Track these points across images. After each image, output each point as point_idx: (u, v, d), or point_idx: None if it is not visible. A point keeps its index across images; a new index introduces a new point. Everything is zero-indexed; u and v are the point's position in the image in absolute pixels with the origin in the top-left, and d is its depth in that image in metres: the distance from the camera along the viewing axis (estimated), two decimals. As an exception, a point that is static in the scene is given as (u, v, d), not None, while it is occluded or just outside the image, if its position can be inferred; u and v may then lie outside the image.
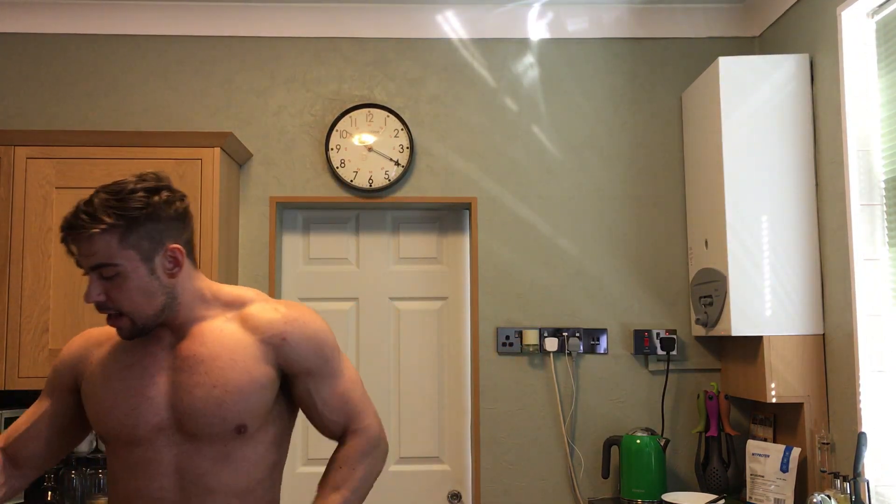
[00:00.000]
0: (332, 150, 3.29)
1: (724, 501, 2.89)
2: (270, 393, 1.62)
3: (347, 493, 1.64)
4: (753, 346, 2.94)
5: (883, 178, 2.63)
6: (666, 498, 2.94)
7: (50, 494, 2.99)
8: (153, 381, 1.60)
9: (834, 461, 2.73)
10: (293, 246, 3.42)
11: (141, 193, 1.54)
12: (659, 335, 3.26)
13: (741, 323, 2.87)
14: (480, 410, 3.25)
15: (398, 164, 3.29)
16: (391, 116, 3.32)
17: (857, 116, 2.68)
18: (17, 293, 2.85)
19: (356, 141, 3.30)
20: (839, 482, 2.53)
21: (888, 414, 2.57)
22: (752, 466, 2.91)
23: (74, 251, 1.55)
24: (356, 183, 3.28)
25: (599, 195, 3.36)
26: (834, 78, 2.78)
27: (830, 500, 2.49)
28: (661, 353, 3.25)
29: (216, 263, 2.88)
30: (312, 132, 3.34)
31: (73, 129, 3.26)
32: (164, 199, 1.57)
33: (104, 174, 2.89)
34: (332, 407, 1.69)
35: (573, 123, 3.38)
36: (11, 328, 2.84)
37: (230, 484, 1.59)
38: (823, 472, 2.69)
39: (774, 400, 2.84)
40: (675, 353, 3.24)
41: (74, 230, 1.52)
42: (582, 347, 3.26)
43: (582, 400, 3.28)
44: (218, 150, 2.93)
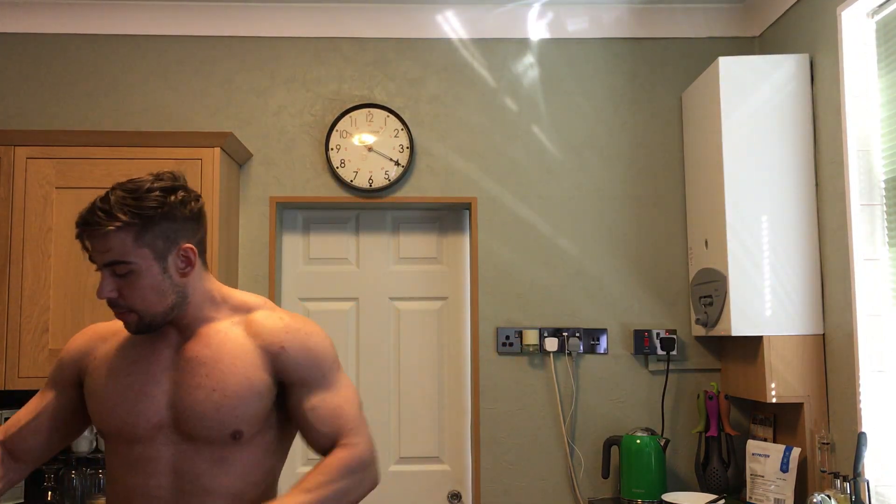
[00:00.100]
0: (332, 150, 3.29)
1: (724, 501, 2.89)
2: (267, 401, 1.62)
3: (314, 499, 1.52)
4: (753, 346, 2.94)
5: (883, 178, 2.63)
6: (666, 498, 2.94)
7: (50, 494, 2.99)
8: (156, 379, 1.61)
9: (834, 461, 2.73)
10: (293, 246, 3.42)
11: (157, 193, 1.55)
12: (659, 335, 3.26)
13: (741, 323, 2.87)
14: (480, 410, 3.25)
15: (398, 164, 3.29)
16: (391, 116, 3.32)
17: (857, 116, 2.68)
18: (17, 293, 2.85)
19: (356, 141, 3.30)
20: (839, 482, 2.53)
21: (888, 414, 2.57)
22: (752, 466, 2.91)
23: (89, 247, 1.56)
24: (356, 183, 3.28)
25: (599, 195, 3.36)
26: (834, 78, 2.78)
27: (830, 500, 2.49)
28: (661, 353, 3.25)
29: (216, 263, 2.88)
30: (312, 132, 3.34)
31: (73, 129, 3.26)
32: (179, 198, 1.58)
33: (104, 174, 2.90)
34: (322, 419, 1.62)
35: (573, 123, 3.38)
36: (11, 328, 2.84)
37: (226, 486, 1.59)
38: (823, 472, 2.69)
39: (774, 400, 2.84)
40: (675, 353, 3.24)
41: (90, 226, 1.53)
42: (582, 347, 3.26)
43: (582, 400, 3.28)
44: (218, 150, 2.93)
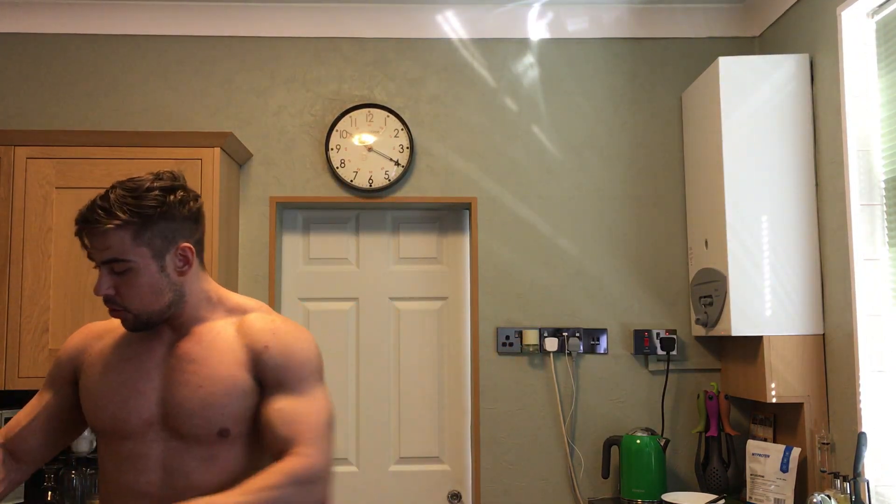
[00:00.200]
0: (332, 150, 3.29)
1: (724, 501, 2.89)
2: (252, 400, 1.61)
3: (250, 501, 1.44)
4: (753, 346, 2.94)
5: (883, 178, 2.63)
6: (666, 498, 2.94)
7: (50, 494, 2.99)
8: (148, 376, 1.61)
9: (834, 461, 2.73)
10: (293, 246, 3.42)
11: (157, 192, 1.57)
12: (659, 335, 3.26)
13: (741, 323, 2.87)
14: (480, 410, 3.25)
15: (398, 164, 3.29)
16: (391, 116, 3.32)
17: (857, 116, 2.68)
18: (17, 293, 2.85)
19: (356, 141, 3.30)
20: (839, 482, 2.53)
21: (888, 414, 2.57)
22: (752, 466, 2.91)
23: (88, 244, 1.57)
24: (356, 183, 3.28)
25: (599, 195, 3.36)
26: (834, 78, 2.78)
27: (830, 500, 2.49)
28: (661, 353, 3.25)
29: (216, 263, 2.88)
30: (312, 132, 3.34)
31: (73, 129, 3.26)
32: (178, 198, 1.60)
33: (104, 174, 2.90)
34: (283, 421, 1.55)
35: (573, 123, 3.38)
36: (11, 328, 2.84)
37: (216, 484, 1.59)
38: (823, 472, 2.69)
39: (774, 400, 2.84)
40: (675, 353, 3.24)
41: (89, 224, 1.54)
42: (582, 347, 3.26)
43: (582, 400, 3.28)
44: (218, 150, 2.93)
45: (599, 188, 3.36)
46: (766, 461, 2.85)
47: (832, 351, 2.81)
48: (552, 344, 3.25)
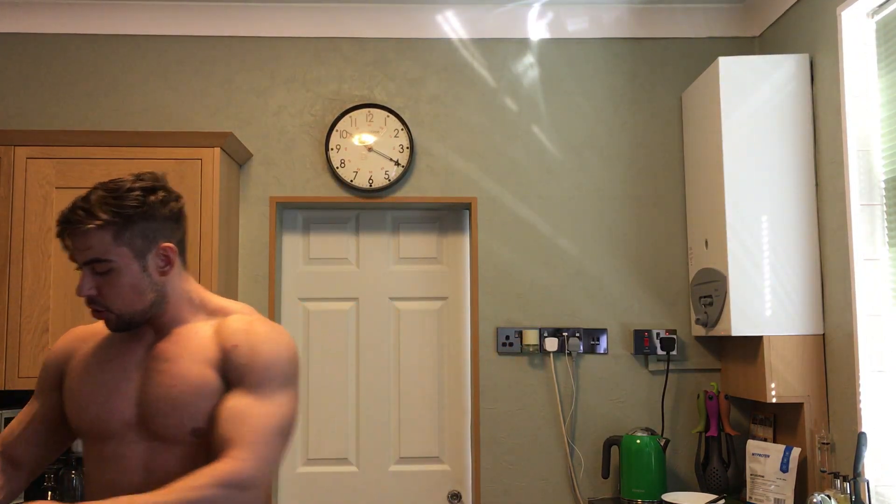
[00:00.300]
0: (332, 150, 3.29)
1: (724, 501, 2.89)
2: (220, 400, 1.59)
3: (171, 500, 1.40)
4: (753, 346, 2.94)
5: (883, 178, 2.63)
6: (666, 498, 2.94)
7: (50, 494, 2.99)
8: (127, 376, 1.61)
9: (834, 461, 2.73)
10: (293, 246, 3.42)
11: (137, 192, 1.57)
12: (659, 335, 3.26)
13: (741, 323, 2.87)
14: (480, 410, 3.25)
15: (398, 164, 3.29)
16: (391, 116, 3.32)
17: (857, 116, 2.68)
18: (17, 293, 2.85)
19: (356, 141, 3.30)
20: (839, 482, 2.53)
21: (888, 414, 2.57)
22: (752, 466, 2.91)
23: (69, 245, 1.57)
24: (356, 183, 3.28)
25: (599, 195, 3.36)
26: (834, 78, 2.78)
27: (830, 500, 2.49)
28: (661, 353, 3.25)
29: (216, 263, 2.88)
30: (312, 132, 3.34)
31: (73, 129, 3.26)
32: (159, 198, 1.60)
33: (104, 174, 2.89)
34: (228, 418, 1.51)
35: (573, 123, 3.38)
36: (11, 328, 2.84)
37: None
38: (823, 472, 2.69)
39: (774, 400, 2.84)
40: (675, 353, 3.24)
41: (70, 225, 1.55)
42: (582, 347, 3.26)
43: (582, 400, 3.28)
44: (218, 150, 2.93)
45: (599, 188, 3.36)
46: (766, 461, 2.85)
47: (832, 351, 2.81)
48: (552, 344, 3.25)
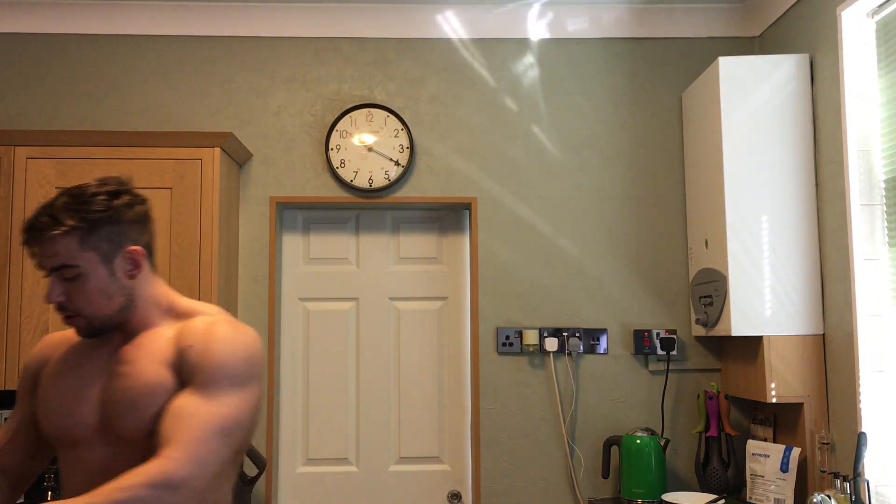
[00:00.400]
0: (332, 150, 3.29)
1: (724, 501, 2.89)
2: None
3: (90, 500, 1.37)
4: (753, 346, 2.94)
5: (883, 178, 2.63)
6: (666, 498, 2.94)
7: (50, 494, 2.99)
8: (92, 381, 1.61)
9: (834, 461, 2.73)
10: (293, 246, 3.42)
11: (102, 196, 1.57)
12: (659, 335, 3.26)
13: (741, 323, 2.87)
14: (480, 410, 3.25)
15: (398, 164, 3.29)
16: (391, 116, 3.32)
17: (857, 116, 2.68)
18: (17, 293, 2.85)
19: (356, 141, 3.30)
20: (839, 482, 2.53)
21: (888, 414, 2.57)
22: (752, 466, 2.91)
23: (36, 252, 1.56)
24: (356, 183, 3.28)
25: (599, 195, 3.36)
26: (834, 78, 2.78)
27: (830, 500, 2.49)
28: (661, 353, 3.25)
29: (216, 263, 2.88)
30: (312, 132, 3.34)
31: (73, 129, 3.26)
32: (125, 202, 1.60)
33: (104, 174, 2.87)
34: (169, 416, 1.49)
35: (573, 123, 3.38)
36: (11, 328, 2.84)
37: None
38: (823, 472, 2.69)
39: (774, 400, 2.84)
40: (675, 353, 3.24)
41: (36, 232, 1.54)
42: (582, 347, 3.26)
43: (582, 400, 3.28)
44: (218, 150, 2.93)
45: (599, 188, 3.36)
46: (766, 461, 2.85)
47: (832, 351, 2.81)
48: (552, 344, 3.25)
